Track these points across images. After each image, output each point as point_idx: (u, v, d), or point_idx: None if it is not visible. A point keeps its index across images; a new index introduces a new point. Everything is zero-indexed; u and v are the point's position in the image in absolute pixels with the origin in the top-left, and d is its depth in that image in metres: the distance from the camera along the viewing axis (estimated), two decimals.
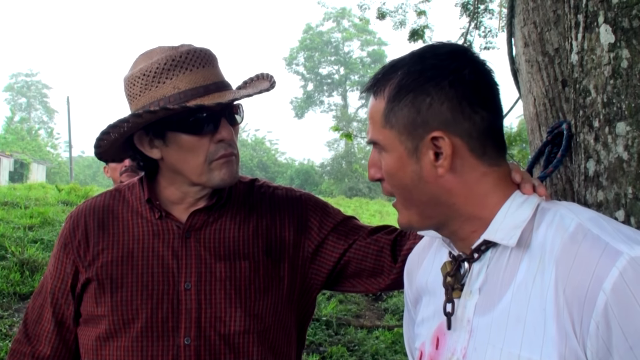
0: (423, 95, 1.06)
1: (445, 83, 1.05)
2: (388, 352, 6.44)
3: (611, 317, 0.90)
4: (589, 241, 0.96)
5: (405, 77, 1.08)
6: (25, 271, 7.37)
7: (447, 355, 1.13)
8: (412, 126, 1.07)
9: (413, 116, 1.06)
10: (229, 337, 1.50)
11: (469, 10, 10.74)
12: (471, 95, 1.06)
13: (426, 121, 1.06)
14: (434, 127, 1.06)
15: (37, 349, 1.61)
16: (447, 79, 1.06)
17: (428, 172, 1.07)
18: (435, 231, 1.18)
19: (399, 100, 1.08)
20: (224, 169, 1.49)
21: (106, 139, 1.49)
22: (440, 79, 1.06)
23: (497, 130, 1.10)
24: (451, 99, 1.05)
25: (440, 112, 1.05)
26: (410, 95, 1.07)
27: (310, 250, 1.61)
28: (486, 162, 1.08)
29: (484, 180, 1.08)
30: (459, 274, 1.14)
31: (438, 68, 1.07)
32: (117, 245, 1.56)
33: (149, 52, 1.51)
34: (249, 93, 1.48)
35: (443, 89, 1.05)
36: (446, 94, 1.05)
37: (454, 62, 1.07)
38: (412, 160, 1.08)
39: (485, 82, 1.10)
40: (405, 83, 1.07)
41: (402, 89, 1.08)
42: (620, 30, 1.18)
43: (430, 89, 1.06)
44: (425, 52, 1.11)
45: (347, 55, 56.80)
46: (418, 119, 1.06)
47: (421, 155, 1.07)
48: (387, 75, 1.11)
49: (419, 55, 1.11)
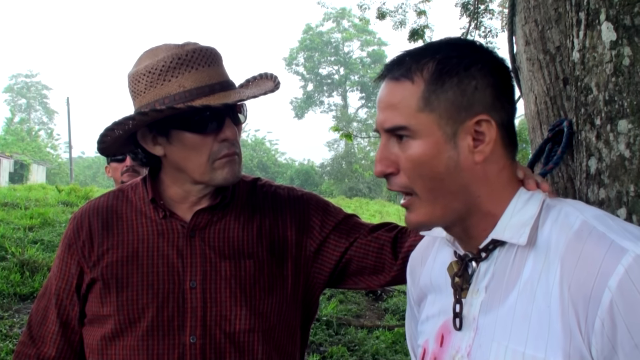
0: (469, 78, 1.04)
1: (487, 69, 1.06)
2: (388, 352, 6.44)
3: (616, 315, 0.90)
4: (594, 238, 0.96)
5: (447, 59, 1.05)
6: (25, 272, 7.36)
7: (452, 353, 1.12)
8: (457, 109, 1.04)
9: (459, 99, 1.04)
10: (234, 335, 1.50)
11: (469, 10, 10.74)
12: (507, 85, 1.08)
13: (471, 104, 1.04)
14: (478, 111, 1.04)
15: (42, 351, 1.61)
16: (488, 66, 1.06)
17: (465, 158, 1.05)
18: (446, 230, 1.16)
19: (442, 82, 1.04)
20: (227, 168, 1.49)
21: (110, 135, 1.49)
22: (483, 64, 1.06)
23: (514, 126, 1.11)
24: (493, 85, 1.06)
25: (484, 97, 1.05)
26: (455, 78, 1.04)
27: (313, 249, 1.61)
28: (508, 155, 1.09)
29: (501, 174, 1.08)
30: (466, 274, 1.13)
31: (477, 53, 1.07)
32: (121, 245, 1.56)
33: (155, 49, 1.51)
34: (255, 94, 1.48)
35: (486, 74, 1.05)
36: (489, 79, 1.05)
37: (485, 52, 1.09)
38: (450, 146, 1.05)
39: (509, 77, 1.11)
40: (448, 66, 1.05)
41: (445, 71, 1.05)
42: (621, 27, 1.18)
43: (475, 73, 1.05)
44: (456, 41, 1.11)
45: (347, 56, 56.80)
46: (464, 102, 1.04)
47: (459, 140, 1.05)
48: (417, 59, 1.07)
49: (451, 43, 1.10)
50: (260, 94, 1.48)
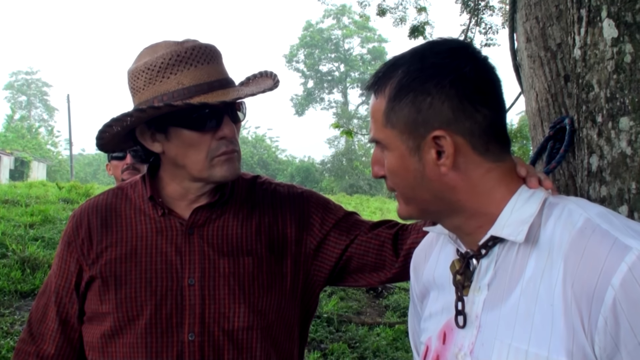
0: (424, 94, 1.05)
1: (446, 82, 1.04)
2: (389, 349, 6.45)
3: (619, 313, 0.90)
4: (597, 236, 0.96)
5: (406, 76, 1.07)
6: (26, 269, 7.37)
7: (454, 350, 1.12)
8: (413, 125, 1.06)
9: (414, 116, 1.06)
10: (233, 332, 1.50)
11: (469, 6, 10.73)
12: (472, 93, 1.05)
13: (427, 120, 1.05)
14: (435, 127, 1.05)
15: (41, 348, 1.61)
16: (447, 78, 1.04)
17: (431, 170, 1.07)
18: (439, 223, 1.18)
19: (399, 100, 1.07)
20: (225, 166, 1.49)
21: (109, 131, 1.49)
22: (440, 78, 1.04)
23: (500, 126, 1.09)
24: (452, 97, 1.04)
25: (441, 112, 1.04)
26: (411, 95, 1.06)
27: (313, 246, 1.61)
28: (490, 159, 1.08)
29: (488, 176, 1.08)
30: (468, 271, 1.13)
31: (438, 66, 1.06)
32: (120, 242, 1.56)
33: (154, 46, 1.50)
34: (253, 92, 1.48)
35: (444, 87, 1.04)
36: (447, 93, 1.04)
37: (454, 60, 1.06)
38: (415, 159, 1.07)
39: (486, 79, 1.08)
40: (406, 82, 1.06)
41: (402, 89, 1.07)
42: (623, 24, 1.18)
43: (430, 88, 1.04)
44: (426, 49, 1.10)
45: (348, 52, 56.78)
46: (419, 119, 1.05)
47: (423, 154, 1.06)
48: (387, 73, 1.10)
49: (419, 53, 1.10)
50: (258, 92, 1.48)
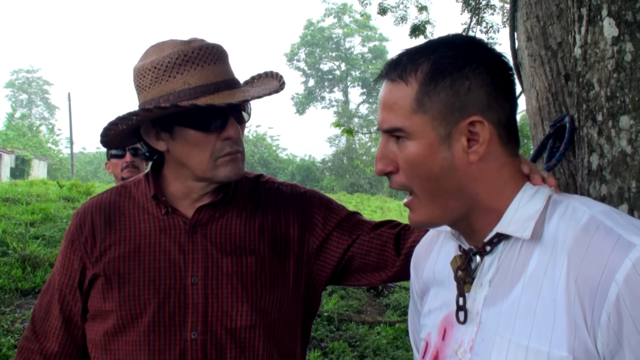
0: (462, 79, 1.04)
1: (483, 69, 1.04)
2: (389, 347, 6.45)
3: (623, 309, 0.91)
4: (601, 233, 0.96)
5: (440, 61, 1.05)
6: (27, 267, 7.38)
7: (454, 346, 1.13)
8: (450, 110, 1.04)
9: (451, 100, 1.04)
10: (235, 331, 1.50)
11: (470, 5, 10.72)
12: (504, 83, 1.06)
13: (464, 105, 1.04)
14: (472, 112, 1.04)
15: (44, 346, 1.62)
16: (484, 65, 1.04)
17: (459, 159, 1.05)
18: (450, 225, 1.16)
19: (435, 84, 1.04)
20: (230, 166, 1.50)
21: (114, 129, 1.50)
22: (478, 64, 1.04)
23: (515, 122, 1.10)
24: (489, 84, 1.04)
25: (478, 97, 1.04)
26: (448, 79, 1.04)
27: (315, 246, 1.62)
28: (508, 152, 1.08)
29: (503, 170, 1.08)
30: (470, 268, 1.14)
31: (472, 53, 1.05)
32: (124, 241, 1.56)
33: (161, 44, 1.50)
34: (259, 94, 1.48)
35: (481, 74, 1.04)
36: (484, 79, 1.04)
37: (482, 50, 1.07)
38: (444, 147, 1.05)
39: (511, 74, 1.10)
40: (441, 67, 1.04)
41: (438, 73, 1.04)
42: (623, 23, 1.18)
43: (469, 73, 1.04)
44: (453, 39, 1.09)
45: (348, 51, 56.71)
46: (457, 103, 1.04)
47: (453, 142, 1.05)
48: (413, 60, 1.07)
49: (448, 42, 1.09)
50: (264, 94, 1.48)
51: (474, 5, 10.61)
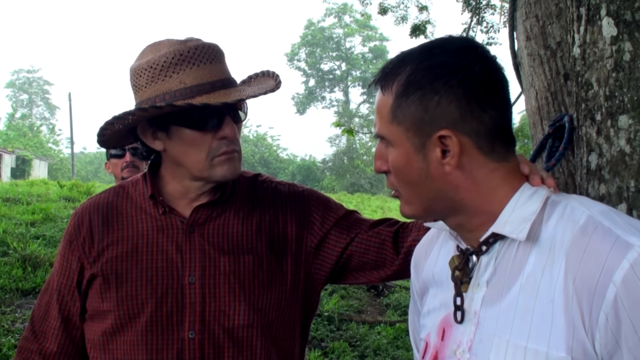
0: (432, 93, 1.04)
1: (455, 82, 1.03)
2: (390, 347, 6.45)
3: (621, 309, 0.90)
4: (599, 233, 0.96)
5: (414, 73, 1.05)
6: (27, 267, 7.38)
7: (453, 347, 1.13)
8: (420, 124, 1.05)
9: (421, 114, 1.05)
10: (233, 330, 1.50)
11: (471, 5, 10.72)
12: (480, 94, 1.04)
13: (434, 119, 1.04)
14: (441, 126, 1.04)
15: (44, 346, 1.62)
16: (456, 77, 1.03)
17: (435, 169, 1.06)
18: (442, 221, 1.17)
19: (406, 97, 1.05)
20: (226, 166, 1.50)
21: (110, 129, 1.50)
22: (449, 77, 1.03)
23: (505, 126, 1.09)
24: (460, 98, 1.03)
25: (448, 111, 1.03)
26: (419, 93, 1.04)
27: (313, 245, 1.62)
28: (495, 158, 1.07)
29: (492, 175, 1.07)
30: (467, 268, 1.14)
31: (447, 65, 1.04)
32: (121, 241, 1.56)
33: (157, 44, 1.50)
34: (255, 93, 1.48)
35: (452, 87, 1.03)
36: (455, 92, 1.03)
37: (463, 59, 1.05)
38: (419, 157, 1.07)
39: (495, 79, 1.07)
40: (414, 79, 1.05)
41: (410, 86, 1.05)
42: (622, 23, 1.18)
43: (439, 87, 1.03)
44: (435, 46, 1.09)
45: (349, 51, 56.73)
46: (426, 117, 1.04)
47: (428, 152, 1.06)
48: (395, 69, 1.09)
49: (428, 49, 1.09)
50: (260, 93, 1.48)
51: (475, 5, 10.61)
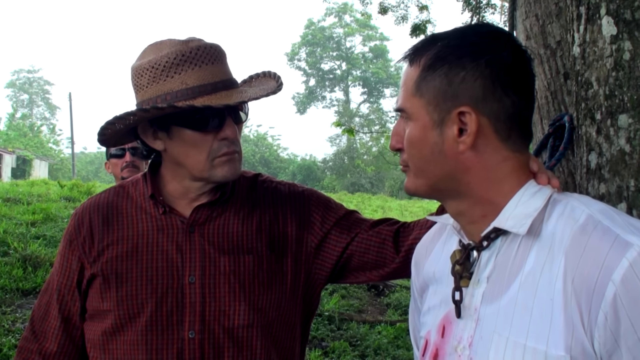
0: (458, 68, 1.05)
1: (482, 60, 1.05)
2: (390, 347, 6.45)
3: (620, 308, 0.90)
4: (599, 232, 0.96)
5: (444, 48, 1.07)
6: (27, 267, 7.38)
7: (453, 343, 1.13)
8: (442, 97, 1.06)
9: (445, 88, 1.06)
10: (233, 330, 1.50)
11: (471, 4, 10.72)
12: (506, 77, 1.05)
13: (456, 95, 1.05)
14: (463, 102, 1.05)
15: (43, 346, 1.62)
16: (484, 57, 1.05)
17: (449, 146, 1.07)
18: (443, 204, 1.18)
19: (433, 70, 1.07)
20: (226, 167, 1.50)
21: (111, 128, 1.50)
22: (477, 55, 1.05)
23: (525, 117, 1.10)
24: (486, 77, 1.04)
25: (472, 88, 1.05)
26: (446, 67, 1.06)
27: (314, 245, 1.62)
28: (509, 147, 1.08)
29: (503, 164, 1.08)
30: (467, 263, 1.14)
31: (477, 45, 1.06)
32: (121, 240, 1.56)
33: (159, 43, 1.50)
34: (256, 95, 1.48)
35: (479, 65, 1.04)
36: (481, 71, 1.04)
37: (494, 42, 1.07)
38: (436, 132, 1.08)
39: (522, 67, 1.08)
40: (442, 54, 1.07)
41: (438, 60, 1.07)
42: (622, 22, 1.18)
43: (466, 64, 1.05)
44: (468, 28, 1.12)
45: (349, 51, 56.70)
46: (449, 91, 1.06)
47: (445, 128, 1.07)
48: (426, 45, 1.11)
49: (461, 31, 1.11)
50: (262, 95, 1.48)
51: (475, 4, 10.61)
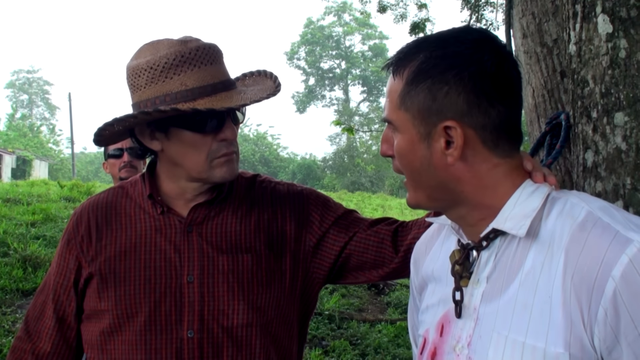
0: (441, 83, 1.04)
1: (465, 74, 1.03)
2: (391, 345, 6.45)
3: (620, 304, 0.91)
4: (598, 229, 0.97)
5: (426, 61, 1.06)
6: (27, 267, 7.38)
7: (452, 342, 1.13)
8: (427, 112, 1.06)
9: (429, 103, 1.05)
10: (232, 329, 1.50)
11: (470, 3, 10.71)
12: (490, 89, 1.04)
13: (441, 110, 1.05)
14: (447, 117, 1.04)
15: (37, 346, 1.62)
16: (467, 70, 1.03)
17: (438, 159, 1.07)
18: (444, 213, 1.18)
19: (416, 85, 1.06)
20: (225, 167, 1.50)
21: (109, 130, 1.49)
22: (460, 69, 1.04)
23: (513, 123, 1.09)
24: (469, 91, 1.03)
25: (456, 103, 1.04)
26: (429, 82, 1.05)
27: (312, 244, 1.62)
28: (499, 154, 1.08)
29: (495, 170, 1.08)
30: (467, 263, 1.14)
31: (460, 56, 1.04)
32: (120, 240, 1.57)
33: (156, 43, 1.49)
34: (258, 97, 1.48)
35: (462, 79, 1.03)
36: (464, 85, 1.03)
37: (477, 52, 1.05)
38: (423, 145, 1.07)
39: (506, 76, 1.07)
40: (425, 68, 1.05)
41: (420, 74, 1.06)
42: (618, 20, 1.18)
43: (449, 78, 1.04)
44: (451, 36, 1.09)
45: (349, 50, 56.68)
46: (433, 107, 1.05)
47: (432, 141, 1.06)
48: (409, 55, 1.09)
49: (443, 39, 1.09)
50: (263, 97, 1.48)
51: (474, 2, 10.60)
